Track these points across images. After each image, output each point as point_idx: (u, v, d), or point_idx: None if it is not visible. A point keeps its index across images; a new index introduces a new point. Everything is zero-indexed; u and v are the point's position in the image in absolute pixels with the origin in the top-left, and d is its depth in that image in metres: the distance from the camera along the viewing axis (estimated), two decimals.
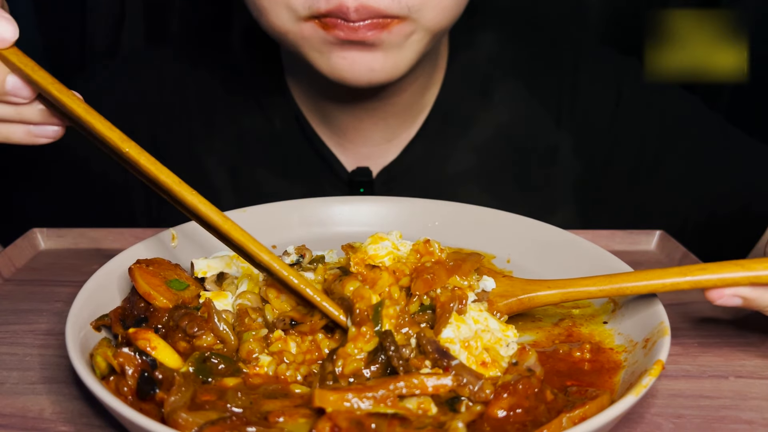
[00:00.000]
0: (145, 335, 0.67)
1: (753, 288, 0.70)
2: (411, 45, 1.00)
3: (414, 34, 0.99)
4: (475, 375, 0.63)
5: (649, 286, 0.73)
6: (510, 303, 0.76)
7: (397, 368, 0.64)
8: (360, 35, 0.95)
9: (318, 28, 0.97)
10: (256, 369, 0.68)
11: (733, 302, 0.71)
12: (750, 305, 0.72)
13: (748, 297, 0.71)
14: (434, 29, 1.01)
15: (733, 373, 0.74)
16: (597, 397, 0.61)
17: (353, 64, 0.99)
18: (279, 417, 0.59)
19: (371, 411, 0.59)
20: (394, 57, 1.00)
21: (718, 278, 0.71)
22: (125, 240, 1.04)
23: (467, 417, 0.60)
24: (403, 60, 1.01)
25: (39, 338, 0.80)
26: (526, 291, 0.77)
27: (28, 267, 0.99)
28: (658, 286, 0.73)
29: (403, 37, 0.99)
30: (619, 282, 0.74)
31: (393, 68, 1.01)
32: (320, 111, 1.20)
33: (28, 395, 0.70)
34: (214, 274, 0.81)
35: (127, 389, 0.63)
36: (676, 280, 0.72)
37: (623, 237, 1.07)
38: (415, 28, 0.98)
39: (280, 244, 0.97)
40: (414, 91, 1.16)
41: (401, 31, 0.97)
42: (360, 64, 0.99)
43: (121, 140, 0.69)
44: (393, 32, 0.97)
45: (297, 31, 0.99)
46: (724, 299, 0.71)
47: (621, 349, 0.73)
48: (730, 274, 0.70)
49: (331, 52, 0.99)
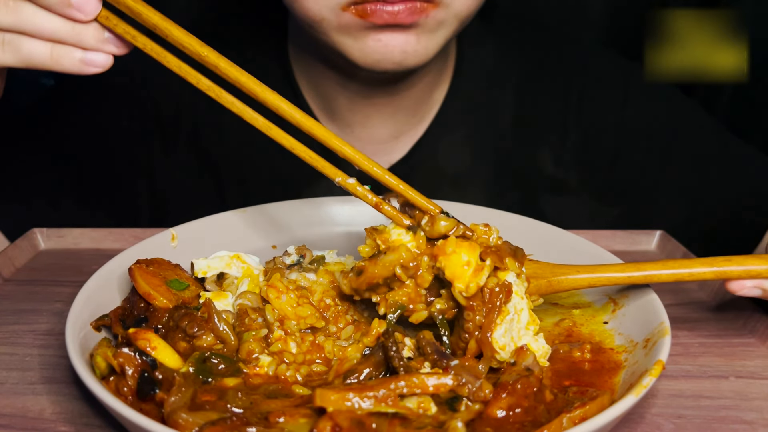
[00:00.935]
0: (145, 335, 0.67)
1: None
2: (442, 30, 1.01)
3: (446, 21, 1.01)
4: (474, 375, 0.63)
5: (675, 275, 0.75)
6: (540, 284, 0.77)
7: (397, 368, 0.64)
8: (399, 19, 0.96)
9: (355, 16, 0.97)
10: (257, 369, 0.68)
11: (753, 293, 0.74)
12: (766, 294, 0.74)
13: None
14: (463, 16, 1.02)
15: (733, 374, 0.74)
16: (597, 397, 0.61)
17: (386, 46, 0.99)
18: (279, 417, 0.59)
19: (372, 410, 0.59)
20: (426, 41, 1.01)
21: (743, 270, 0.73)
22: (125, 240, 1.04)
23: (466, 416, 0.60)
24: (433, 44, 1.02)
25: (39, 338, 0.79)
26: (555, 273, 0.77)
27: (28, 267, 0.99)
28: (685, 275, 0.74)
29: (437, 23, 1.00)
30: (646, 269, 0.75)
31: (424, 52, 1.02)
32: (328, 106, 1.20)
33: (28, 395, 0.70)
34: (214, 274, 0.81)
35: (127, 389, 0.63)
36: (702, 270, 0.74)
37: (624, 237, 1.07)
38: (446, 15, 1.00)
39: (281, 244, 0.97)
40: (423, 87, 1.17)
41: (436, 17, 0.99)
42: (393, 46, 0.99)
43: (200, 45, 0.69)
44: (430, 17, 0.98)
45: (333, 18, 0.99)
46: (746, 290, 0.73)
47: (621, 349, 0.73)
48: (754, 267, 0.73)
49: (367, 37, 0.99)
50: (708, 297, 0.90)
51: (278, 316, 0.73)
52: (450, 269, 0.68)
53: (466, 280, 0.68)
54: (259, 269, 0.82)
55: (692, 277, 0.75)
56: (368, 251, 0.73)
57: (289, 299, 0.74)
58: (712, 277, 0.74)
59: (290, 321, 0.73)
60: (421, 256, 0.70)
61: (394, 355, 0.65)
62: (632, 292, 0.79)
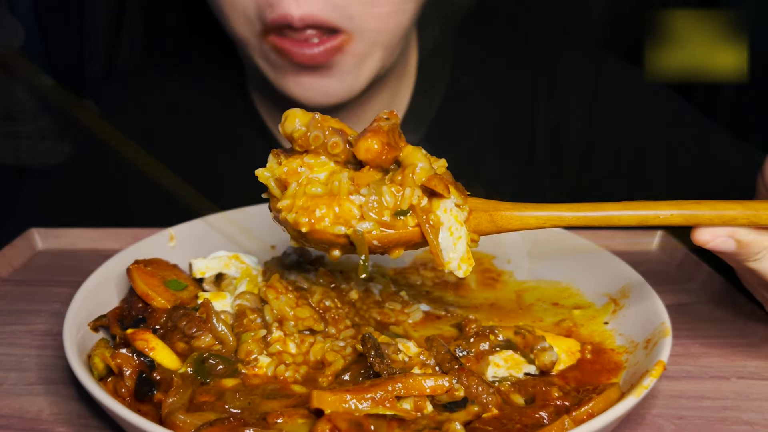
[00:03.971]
0: (143, 336, 0.67)
1: (750, 230, 0.64)
2: (368, 63, 1.00)
3: (368, 55, 0.99)
4: (486, 384, 0.63)
5: (636, 217, 0.65)
6: (481, 218, 0.67)
7: (381, 373, 0.63)
8: (317, 60, 0.95)
9: (272, 52, 0.98)
10: (255, 370, 0.68)
11: (726, 246, 0.64)
12: (743, 252, 0.64)
13: (744, 240, 0.63)
14: (382, 41, 1.00)
15: (734, 374, 0.74)
16: (604, 391, 0.61)
17: (307, 89, 1.00)
18: (278, 418, 0.59)
19: (369, 412, 0.58)
20: (349, 80, 1.00)
21: (715, 214, 0.63)
22: (123, 240, 1.04)
23: (464, 417, 0.60)
24: (358, 82, 1.01)
25: (37, 339, 0.79)
26: (498, 209, 0.68)
27: (25, 267, 0.98)
28: (649, 217, 0.65)
29: (358, 59, 0.99)
30: (606, 209, 0.66)
31: (348, 90, 1.02)
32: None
33: (25, 396, 0.69)
34: (212, 274, 0.81)
35: (125, 390, 0.63)
36: (668, 213, 0.64)
37: (624, 237, 1.06)
38: (365, 47, 0.98)
39: (280, 244, 0.96)
40: (383, 99, 1.16)
41: (354, 51, 0.98)
42: (314, 90, 1.00)
43: None
44: (347, 53, 0.97)
45: (257, 45, 1.00)
46: (718, 241, 0.64)
47: (622, 349, 0.73)
48: (728, 212, 0.63)
49: (286, 76, 1.00)
50: (709, 298, 0.90)
51: (277, 317, 0.73)
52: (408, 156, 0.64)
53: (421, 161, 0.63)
54: (258, 269, 0.82)
55: (657, 221, 0.64)
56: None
57: (288, 300, 0.74)
58: (680, 222, 0.64)
59: (289, 322, 0.73)
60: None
61: (374, 360, 0.64)
62: (633, 293, 0.79)
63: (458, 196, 0.65)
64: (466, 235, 0.65)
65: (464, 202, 0.65)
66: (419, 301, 0.84)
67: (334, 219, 0.63)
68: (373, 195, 0.62)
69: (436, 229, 0.63)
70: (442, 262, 0.64)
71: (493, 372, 0.69)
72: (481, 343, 0.70)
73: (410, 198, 0.63)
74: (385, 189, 0.62)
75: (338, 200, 0.63)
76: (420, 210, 0.63)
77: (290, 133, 0.65)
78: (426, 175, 0.63)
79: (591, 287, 0.85)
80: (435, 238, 0.63)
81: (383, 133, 0.63)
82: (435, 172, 0.64)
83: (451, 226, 0.64)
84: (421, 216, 0.63)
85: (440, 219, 0.63)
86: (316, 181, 0.64)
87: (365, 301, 0.80)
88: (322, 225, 0.63)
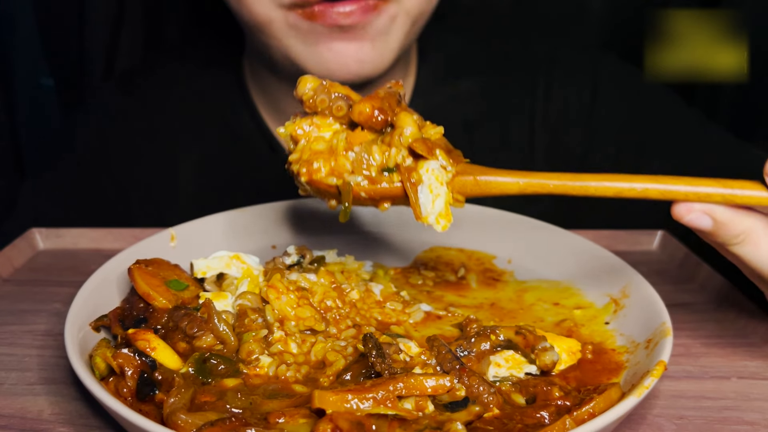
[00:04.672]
0: (145, 336, 0.67)
1: (727, 209, 0.64)
2: (396, 31, 0.99)
3: (398, 18, 0.98)
4: (487, 384, 0.63)
5: (613, 189, 0.66)
6: (466, 182, 0.71)
7: (382, 372, 0.63)
8: (352, 19, 0.93)
9: (302, 18, 0.95)
10: (257, 370, 0.68)
11: (701, 222, 0.64)
12: (720, 231, 0.64)
13: (720, 219, 0.63)
14: (414, 13, 1.00)
15: (735, 374, 0.74)
16: (605, 390, 0.61)
17: (340, 55, 0.97)
18: (279, 418, 0.59)
19: (371, 412, 0.59)
20: (381, 47, 0.99)
21: (690, 190, 0.64)
22: (124, 240, 1.04)
23: (465, 417, 0.60)
24: (389, 50, 1.00)
25: (38, 339, 0.79)
26: (484, 173, 0.71)
27: (26, 267, 0.98)
28: (624, 190, 0.66)
29: (390, 20, 0.97)
30: (584, 180, 0.67)
31: (380, 59, 1.00)
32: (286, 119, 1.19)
33: (26, 396, 0.69)
34: (213, 274, 0.81)
35: (126, 390, 0.63)
36: (645, 186, 0.65)
37: (625, 237, 1.07)
38: (398, 11, 0.97)
39: (280, 244, 0.97)
40: None
41: (388, 12, 0.96)
42: (347, 56, 0.97)
43: None
44: (382, 13, 0.95)
45: (281, 19, 0.96)
46: (693, 215, 0.64)
47: (623, 349, 0.73)
48: (704, 188, 0.63)
49: (318, 44, 0.97)
50: (710, 298, 0.90)
51: (278, 317, 0.73)
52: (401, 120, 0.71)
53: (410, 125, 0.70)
54: (259, 269, 0.82)
55: (633, 193, 0.65)
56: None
57: (289, 300, 0.74)
58: (657, 196, 0.65)
59: (290, 322, 0.73)
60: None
61: (375, 360, 0.64)
62: (634, 293, 0.79)
63: (446, 159, 0.70)
64: (445, 194, 0.70)
65: (451, 165, 0.70)
66: (420, 301, 0.84)
67: (329, 171, 0.71)
68: (364, 153, 0.70)
69: (416, 186, 0.69)
70: (419, 215, 0.70)
71: (494, 372, 0.69)
72: (482, 343, 0.70)
73: (395, 157, 0.70)
74: (375, 148, 0.70)
75: (335, 156, 0.71)
76: (404, 168, 0.70)
77: (301, 95, 0.74)
78: (413, 137, 0.70)
79: (592, 287, 0.85)
80: (414, 194, 0.69)
81: (377, 99, 0.71)
82: (422, 136, 0.70)
83: (431, 184, 0.69)
84: (404, 173, 0.69)
85: (422, 178, 0.69)
86: (321, 138, 0.72)
87: (366, 301, 0.80)
88: (319, 176, 0.71)
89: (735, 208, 0.64)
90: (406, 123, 0.70)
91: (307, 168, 0.71)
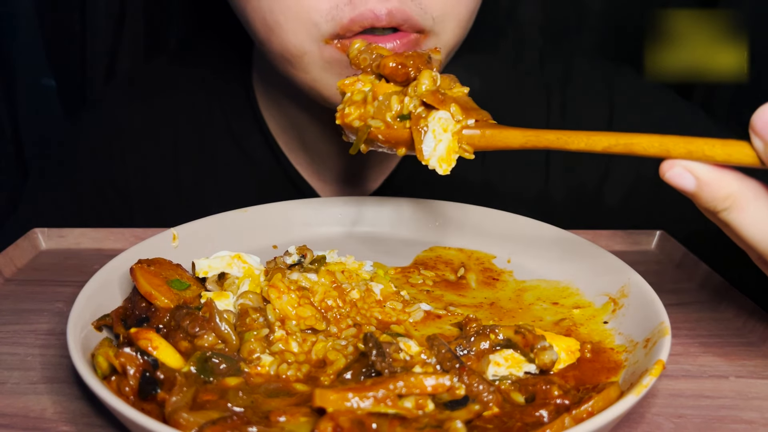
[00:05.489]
0: (147, 335, 0.68)
1: (711, 168, 0.61)
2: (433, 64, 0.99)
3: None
4: (487, 383, 0.63)
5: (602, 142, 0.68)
6: (473, 134, 0.76)
7: (382, 371, 0.64)
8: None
9: (339, 51, 0.92)
10: (258, 369, 0.68)
11: (684, 180, 0.62)
12: (704, 193, 0.62)
13: (703, 178, 0.61)
14: (450, 47, 0.99)
15: (733, 373, 0.74)
16: (604, 389, 0.62)
17: None
18: (280, 416, 0.59)
19: (371, 410, 0.59)
20: None
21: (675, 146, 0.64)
22: (126, 240, 1.05)
23: (465, 415, 0.60)
24: None
25: (40, 338, 0.80)
26: (491, 128, 0.76)
27: (29, 267, 0.99)
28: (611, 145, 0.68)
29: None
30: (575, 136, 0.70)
31: None
32: (298, 137, 1.19)
33: (29, 395, 0.70)
34: (215, 274, 0.81)
35: (128, 389, 0.63)
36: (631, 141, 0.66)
37: (624, 237, 1.07)
38: (436, 45, 0.95)
39: (281, 244, 0.97)
40: None
41: (428, 46, 0.94)
42: None
43: None
44: (422, 47, 0.93)
45: (316, 52, 0.92)
46: (674, 171, 0.62)
47: (621, 349, 0.74)
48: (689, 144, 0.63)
49: None
50: (708, 297, 0.90)
51: (279, 316, 0.74)
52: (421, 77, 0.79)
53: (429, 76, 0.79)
54: (260, 269, 0.82)
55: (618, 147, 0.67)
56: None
57: (290, 299, 0.75)
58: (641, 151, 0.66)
59: (291, 321, 0.73)
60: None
61: (375, 359, 0.64)
62: (632, 292, 0.80)
63: (459, 112, 0.77)
64: (448, 140, 0.77)
65: (463, 118, 0.77)
66: (420, 301, 0.84)
67: (357, 116, 0.81)
68: (386, 102, 0.79)
69: (421, 131, 0.77)
70: (422, 157, 0.77)
71: (494, 371, 0.69)
72: (482, 342, 0.71)
73: (408, 106, 0.78)
74: (394, 98, 0.79)
75: (365, 104, 0.81)
76: (415, 116, 0.78)
77: (348, 54, 0.85)
78: (428, 90, 0.78)
79: (590, 287, 0.86)
80: (418, 137, 0.77)
81: (402, 56, 0.80)
82: (437, 90, 0.78)
83: (436, 130, 0.76)
84: (414, 120, 0.78)
85: (429, 125, 0.77)
86: (361, 91, 0.82)
87: (366, 300, 0.81)
88: (349, 119, 0.81)
89: (720, 167, 0.62)
90: (424, 78, 0.78)
91: (341, 113, 0.82)
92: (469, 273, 0.92)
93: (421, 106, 0.78)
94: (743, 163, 0.61)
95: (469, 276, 0.92)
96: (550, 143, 0.72)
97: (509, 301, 0.86)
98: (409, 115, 0.78)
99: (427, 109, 0.77)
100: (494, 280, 0.91)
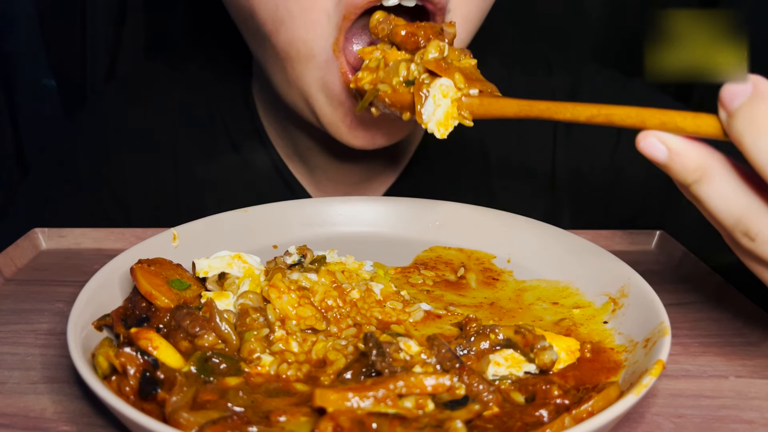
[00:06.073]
0: (147, 335, 0.68)
1: (682, 139, 0.63)
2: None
3: None
4: (487, 383, 0.63)
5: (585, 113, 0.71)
6: (472, 102, 0.80)
7: (382, 371, 0.64)
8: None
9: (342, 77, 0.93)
10: (258, 368, 0.68)
11: (656, 150, 0.63)
12: (674, 164, 0.63)
13: (673, 148, 0.62)
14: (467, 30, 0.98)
15: (733, 373, 0.74)
16: (604, 389, 0.62)
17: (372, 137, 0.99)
18: (280, 416, 0.59)
19: (371, 410, 0.59)
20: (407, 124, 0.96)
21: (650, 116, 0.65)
22: (126, 240, 1.05)
23: (466, 415, 0.60)
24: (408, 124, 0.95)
25: (41, 338, 0.80)
26: (489, 97, 0.80)
27: (29, 267, 0.99)
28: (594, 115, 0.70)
29: None
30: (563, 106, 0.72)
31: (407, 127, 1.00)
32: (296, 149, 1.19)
33: (29, 395, 0.70)
34: (215, 274, 0.81)
35: (128, 389, 0.63)
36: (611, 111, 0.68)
37: (623, 237, 1.07)
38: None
39: (282, 244, 0.97)
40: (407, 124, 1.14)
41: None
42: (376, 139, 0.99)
43: None
44: None
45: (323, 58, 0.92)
46: (648, 140, 0.63)
47: (621, 348, 0.74)
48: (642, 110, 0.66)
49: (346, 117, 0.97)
50: (708, 297, 0.90)
51: (279, 316, 0.74)
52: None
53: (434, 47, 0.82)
54: (261, 269, 0.82)
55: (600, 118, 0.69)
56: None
57: (291, 299, 0.75)
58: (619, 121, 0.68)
59: (291, 321, 0.73)
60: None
61: (375, 359, 0.65)
62: (632, 292, 0.80)
63: (463, 81, 0.80)
64: (447, 106, 0.80)
65: (465, 87, 0.80)
66: (420, 301, 0.84)
67: (369, 81, 0.87)
68: (395, 68, 0.84)
69: (422, 96, 0.81)
70: (421, 120, 0.81)
71: (494, 370, 0.69)
72: (482, 342, 0.71)
73: (413, 72, 0.83)
74: (402, 64, 0.84)
75: (377, 70, 0.87)
76: (418, 82, 0.82)
77: (369, 24, 0.89)
78: (433, 58, 0.82)
79: (590, 287, 0.86)
80: (419, 102, 0.81)
81: (414, 26, 0.85)
82: (441, 59, 0.82)
83: (436, 95, 0.80)
84: (417, 85, 0.82)
85: (430, 90, 0.81)
86: (377, 58, 0.87)
87: (366, 300, 0.81)
88: (362, 83, 0.87)
89: (692, 140, 0.63)
90: (431, 47, 0.82)
91: (354, 77, 0.88)
92: (469, 273, 0.92)
93: (425, 73, 0.82)
94: (710, 135, 0.63)
95: (469, 276, 0.92)
96: (541, 112, 0.75)
97: (509, 301, 0.86)
98: (414, 81, 0.82)
99: (432, 77, 0.81)
100: (494, 280, 0.91)
